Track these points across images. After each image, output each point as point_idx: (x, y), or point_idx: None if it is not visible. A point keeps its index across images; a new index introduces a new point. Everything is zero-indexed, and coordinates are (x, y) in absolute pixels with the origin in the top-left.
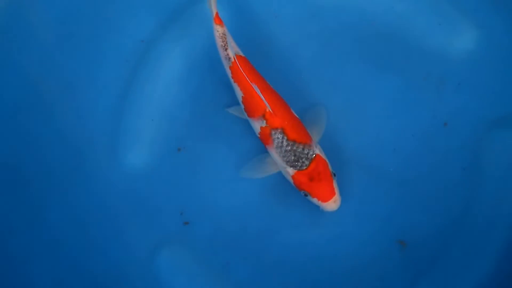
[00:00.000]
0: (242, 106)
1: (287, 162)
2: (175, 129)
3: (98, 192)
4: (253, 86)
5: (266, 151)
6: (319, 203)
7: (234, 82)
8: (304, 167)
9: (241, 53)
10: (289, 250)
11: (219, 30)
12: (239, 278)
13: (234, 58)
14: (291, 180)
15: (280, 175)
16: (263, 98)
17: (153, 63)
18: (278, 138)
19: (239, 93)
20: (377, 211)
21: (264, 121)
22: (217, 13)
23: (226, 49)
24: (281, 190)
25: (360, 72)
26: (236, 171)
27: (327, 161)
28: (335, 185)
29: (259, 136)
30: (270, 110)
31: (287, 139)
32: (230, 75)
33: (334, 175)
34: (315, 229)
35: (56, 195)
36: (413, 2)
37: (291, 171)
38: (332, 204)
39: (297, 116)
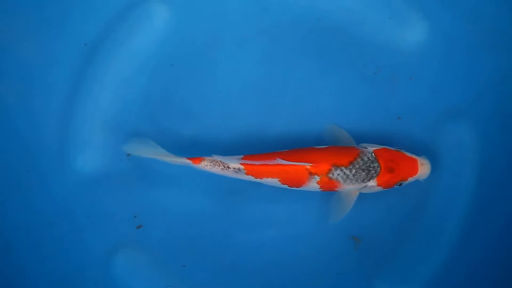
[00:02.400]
0: (285, 186)
1: (363, 181)
2: (125, 132)
3: (51, 195)
4: (277, 162)
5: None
6: (417, 178)
7: (261, 178)
8: (379, 169)
9: (236, 161)
10: (246, 251)
11: (207, 165)
12: (196, 281)
13: (242, 166)
14: (380, 188)
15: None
16: (296, 163)
17: (99, 66)
18: (339, 174)
19: (274, 182)
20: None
21: (316, 176)
22: (192, 158)
23: (228, 167)
24: (236, 191)
25: (312, 68)
26: (188, 172)
27: (383, 146)
28: (408, 154)
29: (322, 190)
30: (309, 165)
31: (345, 167)
32: (253, 178)
33: (399, 148)
34: (271, 229)
35: (10, 198)
36: None
37: (373, 183)
38: (424, 168)
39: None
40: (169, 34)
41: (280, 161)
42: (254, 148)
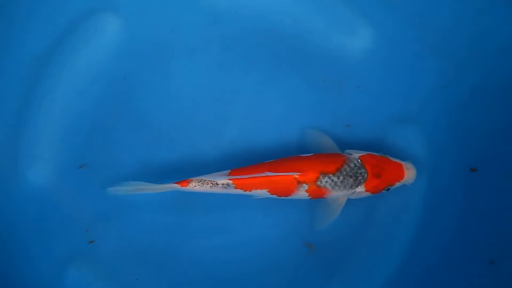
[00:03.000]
0: (274, 196)
1: (351, 187)
2: (76, 144)
3: (2, 208)
4: (265, 175)
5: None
6: (404, 182)
7: (250, 191)
8: (366, 175)
9: (224, 177)
10: (199, 259)
11: (195, 185)
12: None
13: (231, 180)
14: (369, 194)
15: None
16: (284, 173)
17: (50, 78)
18: (327, 182)
19: (263, 193)
20: (284, 214)
21: (305, 185)
22: (179, 182)
23: (217, 184)
24: (187, 201)
25: (263, 76)
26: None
27: (368, 152)
28: (393, 159)
29: (311, 198)
30: (297, 174)
31: (333, 175)
32: (242, 192)
33: (384, 154)
34: (224, 237)
35: None
36: (310, 6)
37: (361, 188)
38: (409, 173)
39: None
40: (121, 46)
41: (268, 173)
42: (207, 156)
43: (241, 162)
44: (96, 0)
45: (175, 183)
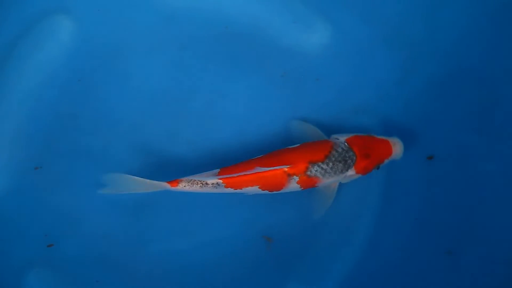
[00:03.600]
0: (266, 192)
1: (341, 172)
2: (32, 147)
3: None
4: (255, 171)
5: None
6: (392, 158)
7: (241, 189)
8: (355, 157)
9: (213, 176)
10: (159, 261)
11: (185, 186)
12: None
13: (221, 179)
14: (360, 175)
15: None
16: (274, 167)
17: (5, 81)
18: (316, 171)
19: (254, 189)
20: (242, 211)
21: (295, 177)
22: (169, 182)
23: (207, 184)
24: (146, 202)
25: (221, 73)
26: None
27: (354, 134)
28: (379, 137)
29: (303, 188)
30: (286, 167)
31: (322, 162)
32: (232, 190)
33: (370, 133)
34: (184, 237)
35: None
36: (267, 2)
37: (351, 172)
38: (397, 148)
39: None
40: (76, 48)
41: (258, 169)
42: (166, 155)
43: (200, 161)
44: (49, 2)
45: (166, 182)
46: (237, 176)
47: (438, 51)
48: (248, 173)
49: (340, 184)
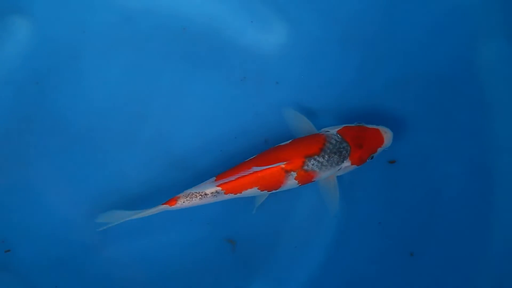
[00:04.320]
0: (265, 193)
1: (337, 164)
2: None
3: None
4: (252, 171)
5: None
6: (384, 147)
7: (241, 192)
8: (349, 148)
9: (212, 185)
10: (119, 264)
11: (184, 202)
12: None
13: (219, 187)
14: (355, 166)
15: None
16: (271, 166)
17: None
18: (313, 164)
19: (254, 191)
20: (205, 213)
21: (293, 173)
22: (168, 202)
23: (206, 194)
24: (104, 203)
25: (179, 74)
26: (54, 190)
27: (343, 125)
28: (369, 126)
29: (300, 184)
30: (283, 163)
31: (318, 156)
32: (233, 195)
33: (359, 123)
34: (143, 238)
35: None
36: (225, 2)
37: (347, 163)
38: (387, 136)
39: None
40: (31, 49)
41: (255, 169)
42: (124, 157)
43: (159, 163)
44: (4, 2)
45: (163, 204)
46: (236, 179)
47: (397, 51)
48: (245, 174)
49: (303, 188)
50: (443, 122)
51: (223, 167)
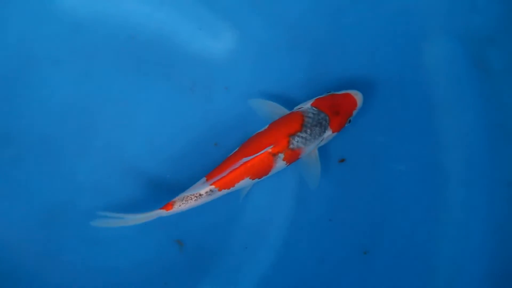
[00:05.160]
0: (256, 180)
1: (320, 135)
2: None
3: None
4: (242, 162)
5: None
6: (358, 108)
7: (234, 186)
8: (328, 117)
9: (204, 184)
10: (71, 270)
11: (180, 205)
12: None
13: (212, 185)
14: (335, 134)
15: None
16: (257, 153)
17: None
18: (298, 141)
19: (246, 182)
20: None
21: (280, 154)
22: (164, 207)
23: (201, 195)
24: (56, 211)
25: (130, 84)
26: (9, 199)
27: (315, 98)
28: (340, 92)
29: (288, 164)
30: (270, 148)
31: (300, 132)
32: (227, 191)
33: (329, 92)
34: (96, 245)
35: None
36: (172, 9)
37: (328, 132)
38: (359, 98)
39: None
40: None
41: (244, 160)
42: (75, 165)
43: (111, 172)
44: None
45: (159, 209)
46: (227, 175)
47: (344, 54)
48: (235, 167)
49: (254, 189)
50: (391, 121)
51: (175, 173)
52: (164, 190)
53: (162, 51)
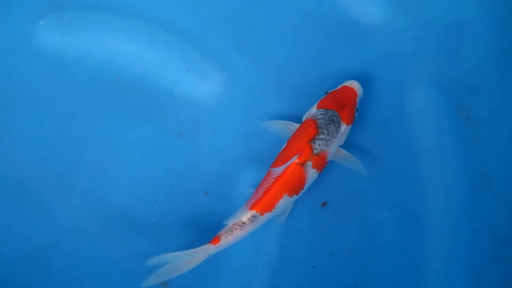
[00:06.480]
0: (294, 198)
1: (336, 131)
2: None
3: None
4: (273, 176)
5: None
6: (360, 96)
7: (274, 206)
8: (336, 113)
9: (245, 211)
10: None
11: (227, 237)
12: None
13: (253, 209)
14: (350, 127)
15: None
16: (287, 163)
17: None
18: (319, 144)
19: (285, 200)
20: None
21: (308, 163)
22: (211, 241)
23: (244, 223)
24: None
25: (114, 125)
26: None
27: (316, 102)
28: (337, 87)
29: (319, 172)
30: (296, 157)
31: (318, 134)
32: (269, 215)
33: (327, 91)
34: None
35: None
36: (159, 51)
37: (343, 126)
38: (356, 86)
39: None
40: None
41: (274, 171)
42: (56, 209)
43: (94, 215)
44: None
45: (207, 243)
46: (263, 195)
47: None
48: (268, 184)
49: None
50: (374, 168)
51: (159, 217)
52: (149, 235)
53: (148, 92)
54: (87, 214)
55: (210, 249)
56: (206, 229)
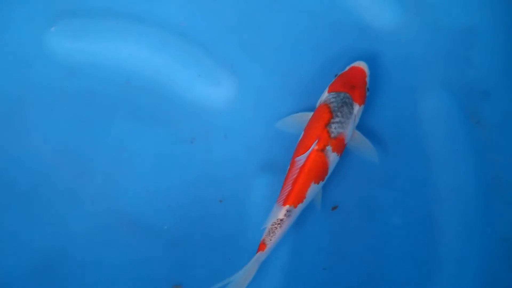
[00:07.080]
0: (322, 184)
1: (350, 112)
2: None
3: None
4: (297, 165)
5: None
6: (368, 75)
7: (305, 197)
8: (348, 94)
9: (279, 207)
10: None
11: (271, 239)
12: None
13: (286, 204)
14: (362, 106)
15: None
16: (308, 151)
17: None
18: (335, 127)
19: (314, 188)
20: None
21: (328, 147)
22: (259, 248)
23: (282, 220)
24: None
25: (126, 130)
26: None
27: (326, 89)
28: (346, 69)
29: (339, 155)
30: (315, 144)
31: (333, 118)
32: (302, 207)
33: (336, 74)
34: None
35: None
36: (170, 56)
37: (356, 107)
38: (364, 65)
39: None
40: None
41: (297, 160)
42: (69, 215)
43: (106, 222)
44: None
45: (257, 253)
46: (292, 187)
47: None
48: (294, 174)
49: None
50: (386, 174)
51: (171, 223)
52: (161, 242)
53: (159, 97)
54: (99, 221)
55: (261, 256)
56: (219, 236)
